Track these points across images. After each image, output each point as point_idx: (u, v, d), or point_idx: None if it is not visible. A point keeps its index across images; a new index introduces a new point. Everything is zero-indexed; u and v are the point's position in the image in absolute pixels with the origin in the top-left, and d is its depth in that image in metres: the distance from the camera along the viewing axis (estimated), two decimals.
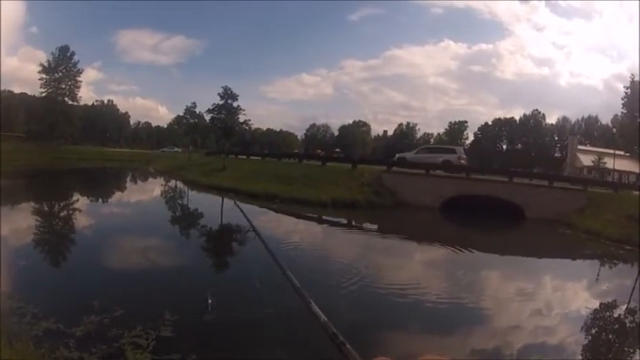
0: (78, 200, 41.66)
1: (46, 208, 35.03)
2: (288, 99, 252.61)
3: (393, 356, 1.25)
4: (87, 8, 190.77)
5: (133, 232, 27.90)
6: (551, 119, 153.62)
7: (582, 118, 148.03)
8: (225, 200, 43.22)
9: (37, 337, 10.64)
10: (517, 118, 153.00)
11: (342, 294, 16.91)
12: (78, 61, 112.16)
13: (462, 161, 61.69)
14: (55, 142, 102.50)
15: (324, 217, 38.75)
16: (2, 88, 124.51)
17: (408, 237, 34.08)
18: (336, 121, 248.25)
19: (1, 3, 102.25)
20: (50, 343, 10.38)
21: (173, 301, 14.04)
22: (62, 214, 34.36)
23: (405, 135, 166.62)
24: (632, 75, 56.68)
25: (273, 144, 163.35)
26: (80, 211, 35.13)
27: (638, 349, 15.73)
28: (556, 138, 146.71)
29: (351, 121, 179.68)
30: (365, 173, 52.16)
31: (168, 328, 12.02)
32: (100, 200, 44.58)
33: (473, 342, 13.98)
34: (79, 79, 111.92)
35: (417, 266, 25.89)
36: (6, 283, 14.67)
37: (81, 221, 30.60)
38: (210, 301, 13.52)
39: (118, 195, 51.55)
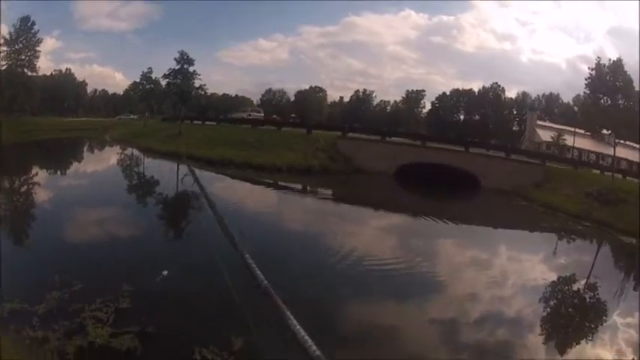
0: (37, 174, 40.32)
1: (7, 184, 33.62)
2: (244, 64, 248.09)
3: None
4: None
5: (91, 203, 27.28)
6: (511, 93, 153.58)
7: (543, 95, 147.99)
8: (181, 166, 43.16)
9: (3, 318, 10.62)
10: (476, 90, 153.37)
11: (296, 263, 17.18)
12: (38, 30, 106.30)
13: (250, 116, 72.36)
14: (15, 115, 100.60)
15: (280, 183, 38.90)
16: None
17: (363, 203, 34.50)
18: (292, 86, 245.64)
19: None
20: (16, 323, 10.36)
21: (130, 271, 14.12)
22: (22, 189, 33.41)
23: (361, 102, 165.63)
24: (599, 57, 57.04)
25: (229, 109, 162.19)
26: (39, 184, 34.14)
27: (600, 325, 15.89)
28: (515, 112, 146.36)
29: (307, 87, 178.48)
30: (320, 139, 52.55)
31: (126, 300, 12.07)
32: (59, 172, 43.39)
33: (430, 310, 14.10)
34: (38, 49, 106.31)
35: (372, 233, 26.01)
36: None
37: (40, 195, 29.93)
38: (164, 273, 13.51)
39: (75, 166, 49.91)
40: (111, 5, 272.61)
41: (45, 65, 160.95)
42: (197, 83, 70.71)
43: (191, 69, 69.48)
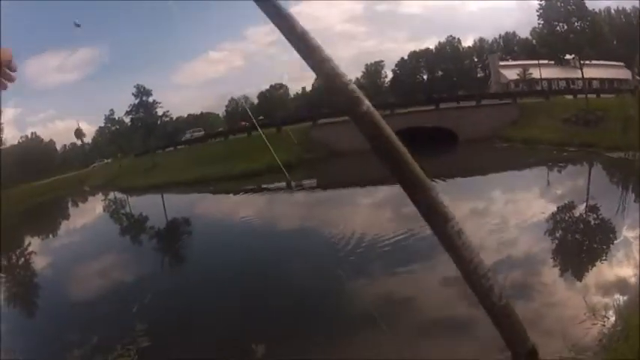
0: (30, 243, 39.69)
1: (4, 262, 32.51)
2: (200, 81, 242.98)
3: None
4: None
5: (87, 257, 26.97)
6: (468, 42, 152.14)
7: (500, 36, 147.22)
8: (166, 196, 44.01)
9: None
10: (433, 48, 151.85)
11: (302, 262, 16.97)
12: None
13: (192, 137, 76.39)
14: None
15: (263, 186, 38.71)
16: None
17: (348, 184, 34.81)
18: (253, 90, 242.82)
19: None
20: None
21: (139, 309, 14.26)
22: (20, 261, 33.30)
23: (322, 88, 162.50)
24: None
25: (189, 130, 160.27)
26: (35, 253, 33.83)
27: (611, 244, 15.80)
28: (476, 59, 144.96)
29: (268, 87, 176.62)
30: (291, 133, 52.27)
31: (144, 338, 12.14)
32: (50, 235, 42.99)
33: (440, 270, 13.87)
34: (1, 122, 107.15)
35: (365, 212, 26.01)
36: None
37: (39, 263, 29.85)
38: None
39: (64, 224, 49.38)
40: (57, 58, 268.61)
41: (11, 134, 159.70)
42: (160, 111, 70.42)
43: (150, 99, 69.14)
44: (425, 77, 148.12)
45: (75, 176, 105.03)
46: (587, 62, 53.77)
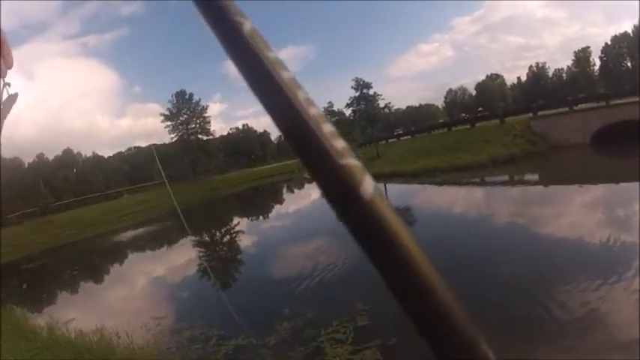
0: (238, 223, 42.71)
1: (206, 238, 35.91)
2: (415, 73, 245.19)
3: None
4: (187, 54, 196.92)
5: (299, 239, 27.85)
6: None
7: None
8: (389, 186, 43.99)
9: (227, 355, 11.08)
10: (630, 31, 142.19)
11: (501, 261, 16.18)
12: (199, 99, 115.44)
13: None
14: (201, 177, 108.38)
15: (486, 179, 38.42)
16: (128, 146, 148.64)
17: (568, 181, 32.53)
18: (468, 80, 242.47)
19: None
20: (244, 357, 10.88)
21: (361, 290, 13.30)
22: (225, 239, 35.45)
23: (537, 77, 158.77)
24: None
25: (418, 120, 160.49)
26: (243, 232, 35.95)
27: None
28: None
29: (484, 77, 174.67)
30: (514, 125, 50.99)
31: (363, 318, 11.66)
32: (260, 217, 45.55)
33: (633, 283, 12.14)
34: (206, 115, 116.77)
35: (576, 211, 24.07)
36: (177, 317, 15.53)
37: (244, 242, 31.36)
38: None
39: (276, 208, 52.80)
40: None
41: (218, 127, 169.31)
42: (381, 103, 73.74)
43: (371, 92, 72.39)
44: (629, 64, 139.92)
45: (294, 164, 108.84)
46: None
